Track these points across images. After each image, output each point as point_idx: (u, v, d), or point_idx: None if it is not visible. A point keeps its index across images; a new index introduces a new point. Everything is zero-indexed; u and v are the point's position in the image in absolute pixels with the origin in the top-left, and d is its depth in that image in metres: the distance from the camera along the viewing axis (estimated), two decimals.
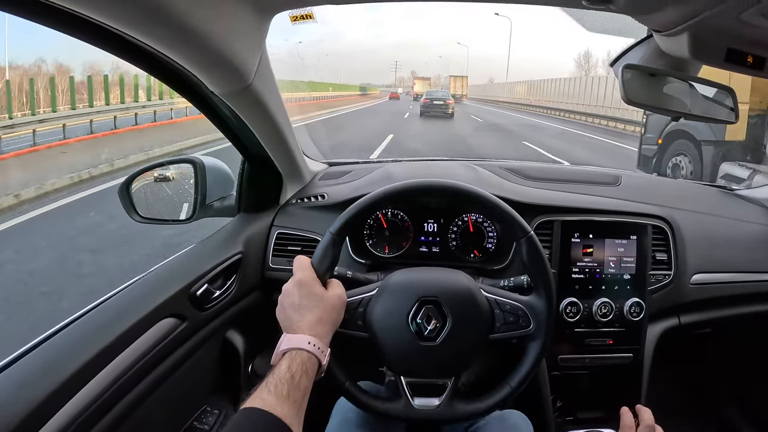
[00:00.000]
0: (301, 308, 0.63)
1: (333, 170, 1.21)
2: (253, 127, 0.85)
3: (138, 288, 0.81)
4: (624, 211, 1.00)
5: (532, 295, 0.73)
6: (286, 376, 0.55)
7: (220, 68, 0.65)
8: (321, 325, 0.63)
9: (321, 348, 0.60)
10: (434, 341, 0.69)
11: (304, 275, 0.66)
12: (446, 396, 0.70)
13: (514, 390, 0.71)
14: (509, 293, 0.74)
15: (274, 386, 0.53)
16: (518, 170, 1.15)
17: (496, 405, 0.71)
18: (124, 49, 0.60)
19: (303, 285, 0.65)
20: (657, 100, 0.79)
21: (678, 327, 1.06)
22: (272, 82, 0.79)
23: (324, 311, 0.64)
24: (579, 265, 0.97)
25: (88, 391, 0.64)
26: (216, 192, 1.07)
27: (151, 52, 0.60)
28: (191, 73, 0.66)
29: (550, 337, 0.72)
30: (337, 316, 0.66)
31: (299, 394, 0.55)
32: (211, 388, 0.97)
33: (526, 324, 0.71)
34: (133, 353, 0.72)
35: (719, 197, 1.22)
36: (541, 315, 0.71)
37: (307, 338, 0.60)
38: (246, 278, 0.97)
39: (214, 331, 0.91)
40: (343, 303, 0.68)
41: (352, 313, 0.71)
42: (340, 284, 0.69)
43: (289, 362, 0.57)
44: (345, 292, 0.69)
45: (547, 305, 0.71)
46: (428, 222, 1.03)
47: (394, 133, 10.93)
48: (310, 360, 0.58)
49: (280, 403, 0.52)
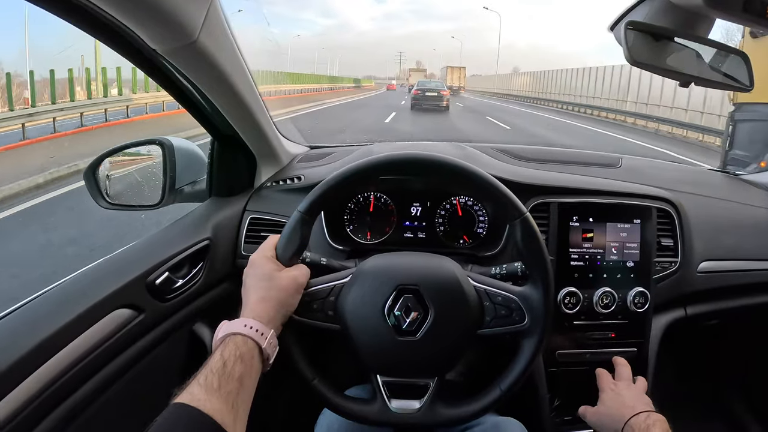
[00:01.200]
0: (248, 289, 0.58)
1: (314, 153, 1.13)
2: (211, 96, 0.77)
3: (87, 276, 0.74)
4: (627, 193, 0.92)
5: (527, 285, 0.65)
6: (217, 365, 0.49)
7: (157, 19, 0.58)
8: (263, 305, 0.57)
9: (260, 330, 0.54)
10: (414, 336, 0.61)
11: (258, 254, 0.60)
12: (427, 398, 0.62)
13: (504, 393, 0.63)
14: (501, 283, 0.66)
15: (204, 378, 0.48)
16: (511, 151, 1.07)
17: (484, 410, 0.63)
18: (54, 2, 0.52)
19: (254, 263, 0.60)
20: (664, 63, 0.71)
21: (684, 318, 0.99)
22: (227, 40, 0.71)
23: (269, 291, 0.58)
24: (578, 252, 0.89)
25: (29, 384, 0.58)
26: (187, 176, 0.99)
27: (85, 5, 0.53)
28: (124, 25, 0.58)
29: (547, 334, 0.63)
30: (286, 297, 0.59)
31: (233, 385, 0.49)
32: (177, 384, 0.90)
33: (519, 318, 0.63)
34: (82, 345, 0.65)
35: (725, 181, 1.15)
36: (537, 308, 0.63)
37: (244, 321, 0.54)
38: (215, 267, 0.90)
39: (178, 323, 0.84)
40: (298, 285, 0.60)
41: (321, 302, 0.63)
42: (301, 268, 0.62)
43: (222, 349, 0.51)
44: (307, 275, 0.62)
45: (544, 296, 0.63)
46: (413, 205, 0.95)
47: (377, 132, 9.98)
48: (246, 344, 0.52)
49: (210, 396, 0.46)
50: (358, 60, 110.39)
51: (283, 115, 10.88)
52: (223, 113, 0.82)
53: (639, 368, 0.93)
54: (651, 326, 0.92)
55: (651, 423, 0.67)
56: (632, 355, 0.91)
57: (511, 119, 14.35)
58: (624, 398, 0.75)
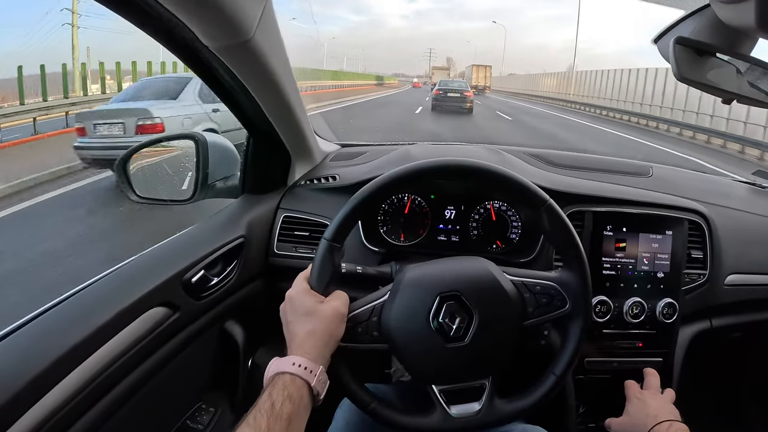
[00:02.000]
0: (291, 324, 0.58)
1: (345, 151, 1.13)
2: (255, 94, 0.77)
3: (125, 274, 0.73)
4: (659, 204, 0.93)
5: (562, 270, 0.66)
6: (266, 405, 0.50)
7: (215, 15, 0.57)
8: (310, 341, 0.56)
9: (309, 368, 0.54)
10: (462, 341, 0.61)
11: (294, 290, 0.61)
12: (486, 398, 0.62)
13: (560, 378, 0.63)
14: (536, 272, 0.66)
15: (253, 419, 0.48)
16: (543, 156, 1.07)
17: (544, 398, 0.63)
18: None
19: (293, 299, 0.60)
20: (708, 80, 0.73)
21: (710, 330, 1.00)
22: (277, 42, 0.71)
23: (315, 325, 0.57)
24: (611, 261, 0.90)
25: (67, 383, 0.57)
26: (219, 171, 0.99)
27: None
28: (179, 19, 0.57)
29: (590, 314, 0.64)
30: (332, 329, 0.58)
31: (281, 425, 0.49)
32: (207, 383, 0.89)
33: (561, 303, 0.63)
34: (119, 345, 0.65)
35: (753, 194, 1.16)
36: (576, 290, 0.63)
37: (293, 359, 0.54)
38: (248, 265, 0.89)
39: (211, 321, 0.83)
40: (341, 315, 0.60)
41: (365, 324, 0.62)
42: (341, 296, 0.62)
43: (270, 389, 0.52)
44: (347, 302, 0.61)
45: (581, 278, 0.63)
46: (448, 209, 0.95)
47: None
48: (294, 383, 0.52)
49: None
50: (388, 57, 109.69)
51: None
52: (264, 110, 0.82)
53: (664, 378, 0.94)
54: (678, 337, 0.93)
55: (674, 431, 0.67)
56: (658, 365, 0.92)
57: (534, 122, 13.79)
58: (649, 407, 0.75)
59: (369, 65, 74.76)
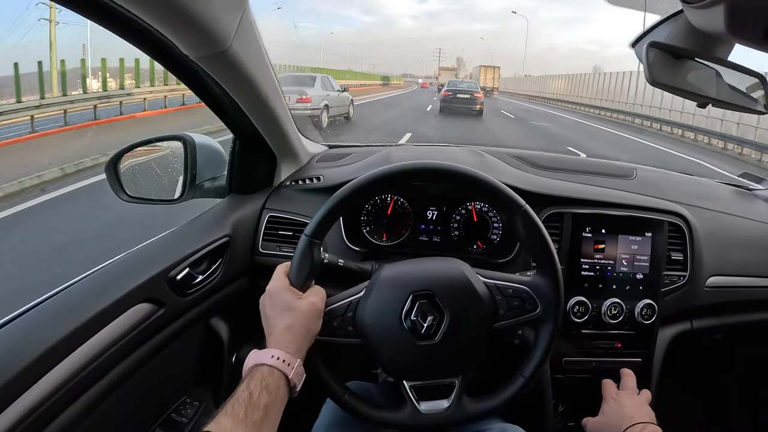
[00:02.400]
0: (270, 318, 0.60)
1: (332, 152, 1.15)
2: (238, 99, 0.79)
3: (112, 270, 0.75)
4: (639, 206, 0.94)
5: (535, 275, 0.67)
6: (244, 395, 0.52)
7: (192, 27, 0.59)
8: (288, 335, 0.58)
9: (287, 360, 0.56)
10: (433, 339, 0.62)
11: (274, 284, 0.62)
12: (455, 396, 0.64)
13: (528, 380, 0.65)
14: (510, 275, 0.68)
15: (231, 407, 0.51)
16: (527, 158, 1.08)
17: (511, 399, 0.65)
18: (85, 6, 0.54)
19: (272, 294, 0.62)
20: (683, 83, 0.73)
21: (690, 332, 1.00)
22: (257, 49, 0.72)
23: (293, 320, 0.59)
24: (589, 262, 0.91)
25: (52, 377, 0.59)
26: (207, 171, 1.01)
27: (117, 8, 0.54)
28: (160, 33, 0.59)
29: (560, 318, 0.65)
30: (311, 325, 0.61)
31: (258, 414, 0.51)
32: (192, 378, 0.92)
33: (532, 307, 0.65)
34: (104, 340, 0.67)
35: (737, 196, 1.16)
36: (548, 294, 0.65)
37: (271, 352, 0.56)
38: (233, 263, 0.91)
39: (196, 318, 0.86)
40: (318, 310, 0.62)
41: (340, 319, 0.64)
42: (319, 291, 0.64)
43: (248, 380, 0.54)
44: (324, 298, 0.63)
45: (554, 283, 0.65)
46: (430, 209, 0.97)
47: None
48: (272, 375, 0.55)
49: (236, 425, 0.49)
50: (397, 58, 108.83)
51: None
52: (247, 114, 0.84)
53: (643, 379, 0.95)
54: (657, 338, 0.94)
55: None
56: (637, 366, 0.93)
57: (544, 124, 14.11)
58: (624, 408, 0.77)
59: (378, 65, 74.68)
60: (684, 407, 1.26)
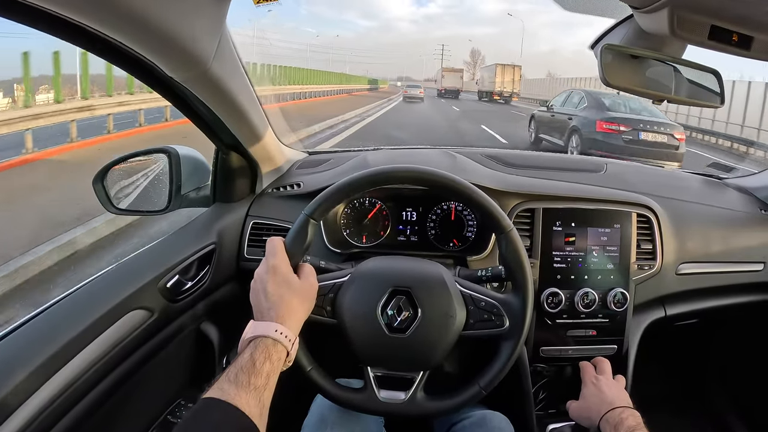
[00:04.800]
0: (273, 295, 0.62)
1: (311, 159, 1.18)
2: (219, 114, 0.82)
3: (106, 280, 0.79)
4: (607, 200, 0.97)
5: (509, 294, 0.71)
6: (248, 364, 0.54)
7: (175, 52, 0.62)
8: (291, 313, 0.62)
9: (288, 336, 0.59)
10: (404, 333, 0.67)
11: (277, 261, 0.64)
12: (413, 391, 0.68)
13: (482, 389, 0.69)
14: (486, 289, 0.72)
15: (234, 375, 0.53)
16: (499, 157, 1.12)
17: (463, 404, 0.69)
18: (70, 33, 0.57)
19: (276, 271, 0.63)
20: (639, 83, 0.76)
21: (664, 318, 1.04)
22: (235, 66, 0.76)
23: (295, 299, 0.63)
24: (561, 255, 0.94)
25: (53, 384, 0.63)
26: (191, 182, 1.04)
27: (100, 36, 0.57)
28: (145, 58, 0.63)
29: (523, 338, 0.69)
30: (308, 305, 0.65)
31: (261, 381, 0.54)
32: (185, 381, 0.96)
33: (500, 323, 0.69)
34: (101, 346, 0.70)
35: (707, 186, 1.19)
36: (517, 314, 0.68)
37: (274, 326, 0.59)
38: (220, 269, 0.95)
39: (187, 323, 0.90)
40: (315, 291, 0.66)
41: (321, 298, 0.68)
42: (313, 271, 0.67)
43: (252, 350, 0.56)
44: (317, 279, 0.67)
45: (524, 305, 0.69)
46: (406, 210, 1.01)
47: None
48: (275, 347, 0.57)
49: (240, 392, 0.51)
50: (395, 61, 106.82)
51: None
52: (228, 126, 0.87)
53: (619, 365, 0.99)
54: (631, 325, 0.98)
55: (624, 417, 0.72)
56: (613, 353, 0.97)
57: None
58: (604, 394, 0.80)
59: (372, 69, 73.11)
60: (661, 390, 1.30)
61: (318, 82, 22.43)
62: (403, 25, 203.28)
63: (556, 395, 1.04)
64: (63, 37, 0.57)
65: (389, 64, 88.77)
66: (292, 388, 0.61)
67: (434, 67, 74.87)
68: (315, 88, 20.88)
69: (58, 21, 0.52)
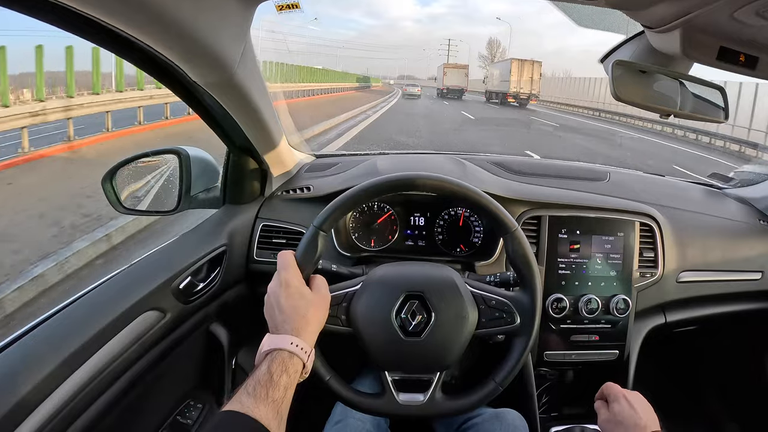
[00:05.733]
0: (287, 309, 0.63)
1: (319, 162, 1.19)
2: (237, 118, 0.83)
3: (120, 281, 0.79)
4: (611, 208, 1.00)
5: (518, 291, 0.73)
6: (265, 377, 0.55)
7: (202, 58, 0.63)
8: (306, 326, 0.62)
9: (304, 348, 0.60)
10: (419, 336, 0.68)
11: (289, 274, 0.65)
12: (431, 392, 0.69)
13: (498, 385, 0.71)
14: (495, 288, 0.73)
15: (252, 388, 0.53)
16: (506, 165, 1.14)
17: (481, 401, 0.70)
18: (103, 37, 0.57)
19: (288, 285, 0.64)
20: (647, 98, 0.78)
21: (664, 325, 1.07)
22: (256, 72, 0.77)
23: (309, 311, 0.63)
24: (566, 261, 0.97)
25: (69, 385, 0.64)
26: (201, 183, 1.05)
27: (131, 40, 0.58)
28: (173, 63, 0.63)
29: (535, 334, 0.71)
30: (322, 316, 0.66)
31: (278, 394, 0.54)
32: (194, 382, 0.97)
33: (511, 320, 0.70)
34: (115, 347, 0.71)
35: (707, 195, 1.22)
36: (527, 310, 0.70)
37: (290, 338, 0.59)
38: (230, 271, 0.96)
39: (197, 324, 0.90)
40: (328, 302, 0.67)
41: (335, 308, 0.69)
42: (325, 283, 0.68)
43: (269, 363, 0.57)
44: (329, 290, 0.68)
45: (533, 301, 0.70)
46: (415, 215, 1.02)
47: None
48: (291, 359, 0.58)
49: (258, 404, 0.52)
50: (399, 60, 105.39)
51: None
52: (244, 131, 0.88)
53: (620, 370, 1.02)
54: (632, 331, 1.00)
55: None
56: (614, 358, 1.00)
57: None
58: (638, 416, 0.72)
59: (374, 68, 72.08)
60: (662, 396, 1.33)
61: (293, 80, 18.60)
62: (407, 24, 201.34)
63: (558, 398, 1.07)
64: (93, 40, 0.58)
65: (392, 60, 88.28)
66: (312, 393, 0.61)
67: (437, 65, 71.17)
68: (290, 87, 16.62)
69: (97, 26, 0.53)
